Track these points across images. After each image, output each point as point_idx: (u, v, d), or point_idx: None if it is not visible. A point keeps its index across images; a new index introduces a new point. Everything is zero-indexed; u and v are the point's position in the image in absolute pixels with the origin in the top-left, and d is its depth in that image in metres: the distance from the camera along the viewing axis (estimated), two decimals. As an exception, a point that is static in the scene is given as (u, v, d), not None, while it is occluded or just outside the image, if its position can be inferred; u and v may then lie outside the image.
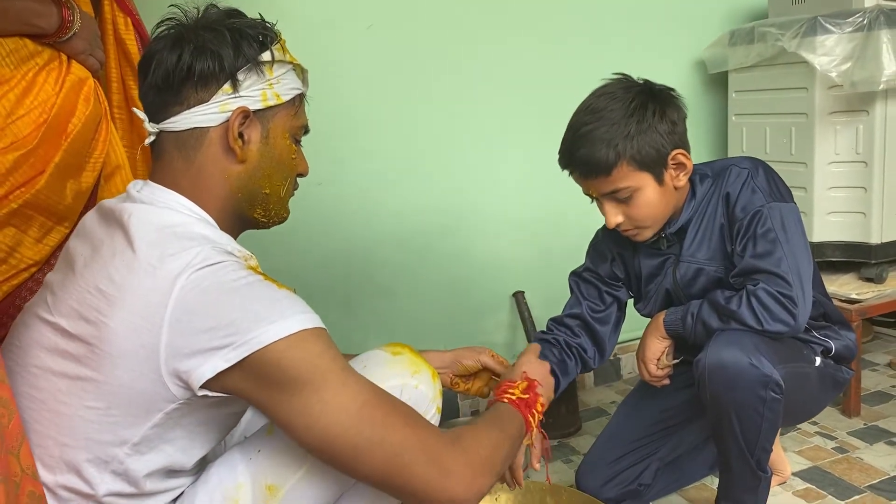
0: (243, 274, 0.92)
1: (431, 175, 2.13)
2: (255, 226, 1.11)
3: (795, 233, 1.37)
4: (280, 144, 1.06)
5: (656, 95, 1.38)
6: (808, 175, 2.09)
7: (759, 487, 1.42)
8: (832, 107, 2.03)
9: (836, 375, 1.51)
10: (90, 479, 0.92)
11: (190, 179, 1.02)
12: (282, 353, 0.88)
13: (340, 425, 0.91)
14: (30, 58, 1.23)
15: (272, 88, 1.03)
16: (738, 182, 1.42)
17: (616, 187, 1.36)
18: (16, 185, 1.20)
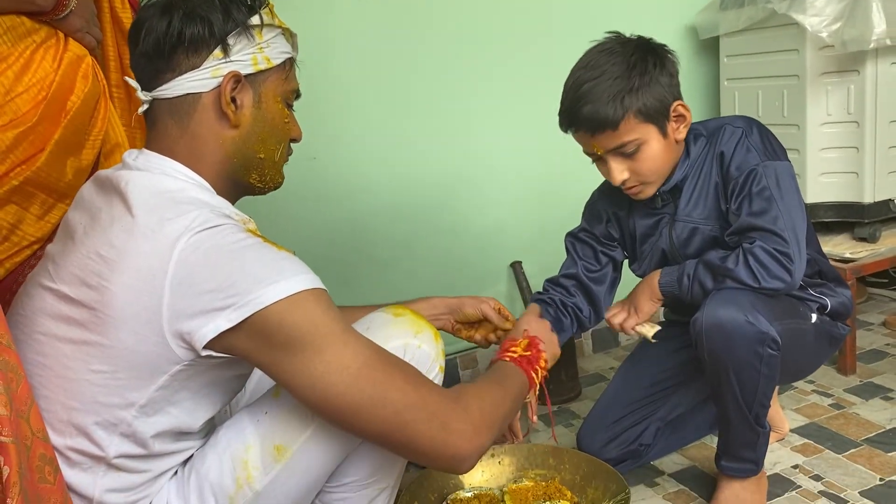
0: (242, 236, 0.94)
1: (426, 148, 2.14)
2: (252, 191, 1.12)
3: (790, 190, 1.38)
4: (272, 108, 1.07)
5: (653, 49, 1.40)
6: (801, 137, 2.10)
7: (758, 442, 1.45)
8: (823, 67, 2.04)
9: (833, 332, 1.53)
10: (99, 441, 0.94)
11: (185, 146, 1.03)
12: (283, 314, 0.90)
13: (342, 384, 0.93)
14: (27, 35, 1.23)
15: (262, 52, 1.04)
16: (733, 141, 1.43)
17: (623, 141, 1.37)
18: (16, 163, 1.21)
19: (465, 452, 1.00)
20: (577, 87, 1.39)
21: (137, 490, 1.00)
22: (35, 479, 0.81)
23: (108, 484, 0.97)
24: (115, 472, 0.97)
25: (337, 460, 1.08)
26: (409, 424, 0.96)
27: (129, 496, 0.99)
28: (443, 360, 1.15)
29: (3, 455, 0.76)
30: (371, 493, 1.15)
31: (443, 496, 1.59)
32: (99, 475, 0.96)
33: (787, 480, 1.59)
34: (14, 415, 0.80)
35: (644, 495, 1.61)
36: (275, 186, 1.14)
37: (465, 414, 1.00)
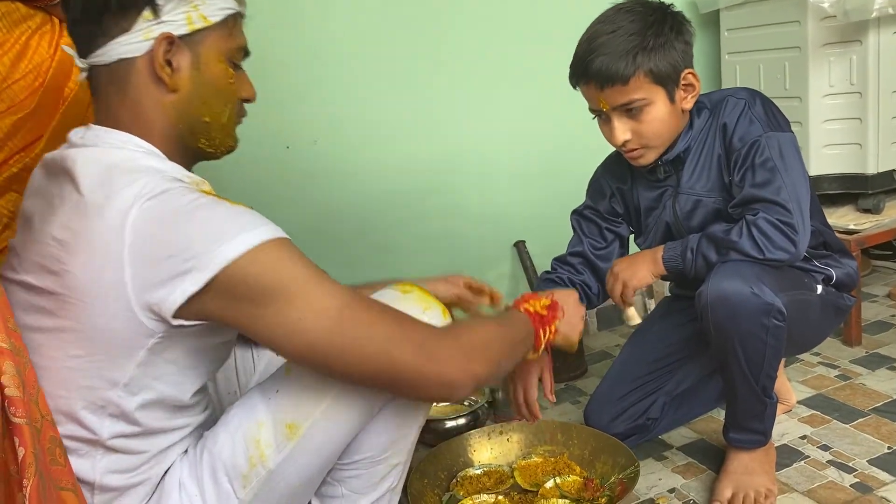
0: (194, 196, 0.91)
1: (427, 130, 2.13)
2: (204, 156, 1.08)
3: (794, 161, 1.38)
4: (215, 69, 1.01)
5: (672, 14, 1.40)
6: (803, 109, 2.09)
7: (766, 413, 1.45)
8: (825, 38, 2.03)
9: (838, 303, 1.53)
10: (91, 425, 0.94)
11: (127, 114, 0.99)
12: (246, 268, 0.88)
13: (322, 329, 0.92)
14: (22, 21, 1.23)
15: (197, 10, 0.98)
16: (735, 112, 1.42)
17: (630, 98, 1.37)
18: (15, 150, 1.21)
19: (455, 379, 0.98)
20: (593, 40, 1.39)
21: (139, 471, 0.99)
22: (47, 460, 0.81)
23: (108, 466, 0.96)
24: (112, 453, 0.96)
25: (349, 436, 1.08)
26: (397, 359, 0.95)
27: (132, 477, 0.99)
28: None
29: (18, 436, 0.76)
30: (383, 469, 1.15)
31: (452, 474, 1.59)
32: (97, 459, 0.95)
33: (795, 451, 1.60)
34: (26, 399, 0.80)
35: (653, 468, 1.61)
36: (227, 150, 1.09)
37: (454, 341, 1.00)
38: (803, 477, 1.50)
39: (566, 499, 1.47)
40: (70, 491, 0.83)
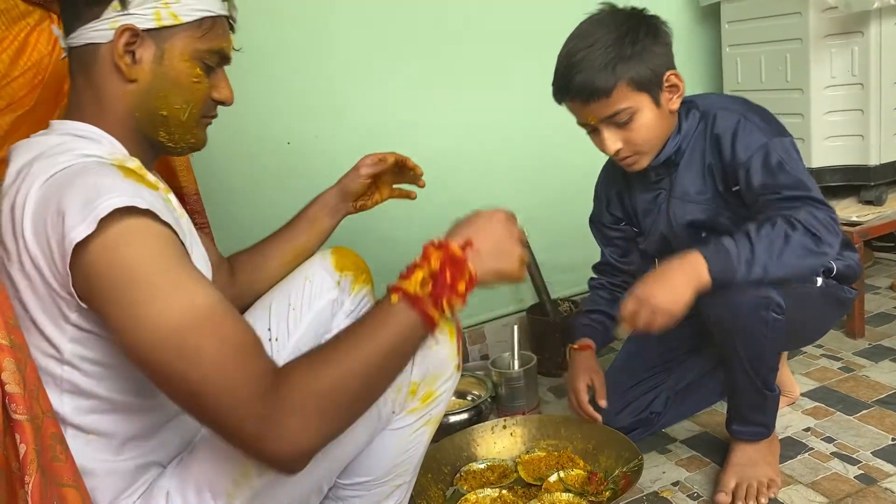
0: (80, 166, 0.90)
1: (427, 125, 2.13)
2: (165, 149, 1.08)
3: (802, 164, 1.37)
4: (177, 66, 1.01)
5: (646, 18, 1.39)
6: (805, 101, 2.08)
7: (768, 405, 1.45)
8: (827, 30, 2.02)
9: (839, 295, 1.52)
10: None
11: (90, 97, 1.01)
12: (97, 255, 0.84)
13: (151, 347, 0.84)
14: (21, 18, 1.23)
15: (168, 8, 0.99)
16: (730, 124, 1.40)
17: (616, 109, 1.36)
18: (15, 147, 1.20)
19: (284, 456, 0.83)
20: (570, 57, 1.38)
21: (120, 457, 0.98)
22: (49, 457, 0.81)
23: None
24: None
25: (345, 460, 1.07)
26: (211, 411, 0.83)
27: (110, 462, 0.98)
28: (459, 358, 1.12)
29: (19, 433, 0.75)
30: (386, 490, 1.15)
31: (456, 468, 1.59)
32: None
33: (799, 443, 1.59)
34: (27, 394, 0.79)
35: (656, 462, 1.61)
36: (190, 147, 1.09)
37: (282, 408, 0.83)
38: (807, 469, 1.50)
39: (570, 493, 1.47)
40: (72, 487, 0.82)
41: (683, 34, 2.45)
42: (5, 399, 0.76)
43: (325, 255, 1.36)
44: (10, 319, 0.81)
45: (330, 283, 1.33)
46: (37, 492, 0.76)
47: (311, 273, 1.33)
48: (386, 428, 1.10)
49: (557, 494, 1.46)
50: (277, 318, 1.32)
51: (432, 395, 1.12)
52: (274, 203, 1.93)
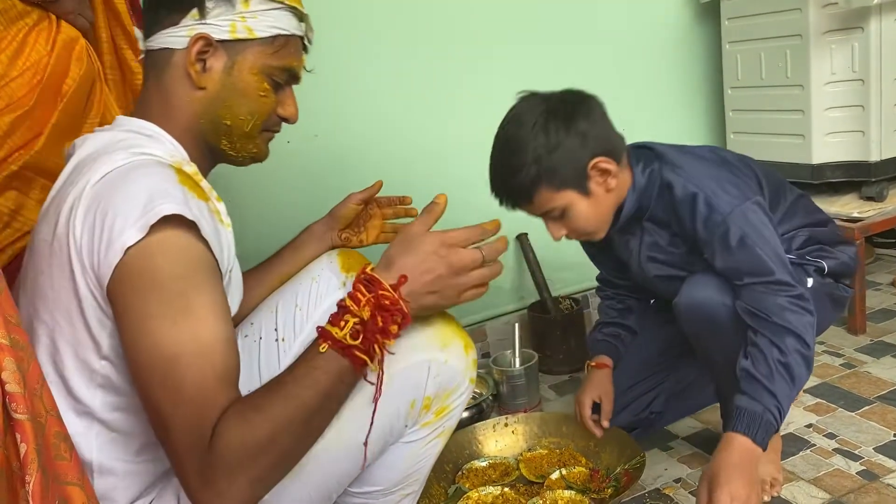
0: (136, 161, 0.93)
1: (427, 124, 2.13)
2: (226, 158, 1.10)
3: (763, 228, 1.32)
4: (246, 79, 1.04)
5: (558, 110, 1.33)
6: (805, 97, 2.08)
7: None
8: (827, 26, 2.01)
9: (833, 293, 1.51)
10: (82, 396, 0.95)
11: (158, 99, 1.04)
12: (134, 258, 0.86)
13: (143, 364, 0.87)
14: (19, 18, 1.22)
15: (244, 21, 1.02)
16: (688, 199, 1.34)
17: (543, 210, 1.36)
18: (14, 148, 1.21)
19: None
20: (493, 162, 1.39)
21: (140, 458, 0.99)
22: (52, 455, 0.80)
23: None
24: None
25: (352, 474, 1.06)
26: (170, 447, 0.87)
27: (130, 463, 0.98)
28: (474, 371, 1.10)
29: (19, 432, 0.75)
30: (395, 498, 1.15)
31: (458, 466, 1.59)
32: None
33: (801, 440, 1.59)
34: (28, 392, 0.79)
35: (658, 459, 1.61)
36: (251, 158, 1.11)
37: (217, 466, 0.84)
38: (809, 465, 1.50)
39: (572, 490, 1.46)
40: (76, 485, 0.82)
41: (683, 31, 2.45)
42: (5, 398, 0.76)
43: (331, 256, 1.36)
44: (11, 318, 0.81)
45: (336, 283, 1.32)
46: (38, 491, 0.75)
47: (318, 273, 1.33)
48: (398, 441, 1.09)
49: (560, 492, 1.46)
50: (284, 319, 1.32)
51: (446, 409, 1.11)
52: (275, 204, 1.94)
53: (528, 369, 1.88)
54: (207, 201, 0.97)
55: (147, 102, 1.05)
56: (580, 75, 2.30)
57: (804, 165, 2.11)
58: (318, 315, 1.31)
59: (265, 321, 1.33)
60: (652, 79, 2.43)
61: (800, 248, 1.48)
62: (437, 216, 1.02)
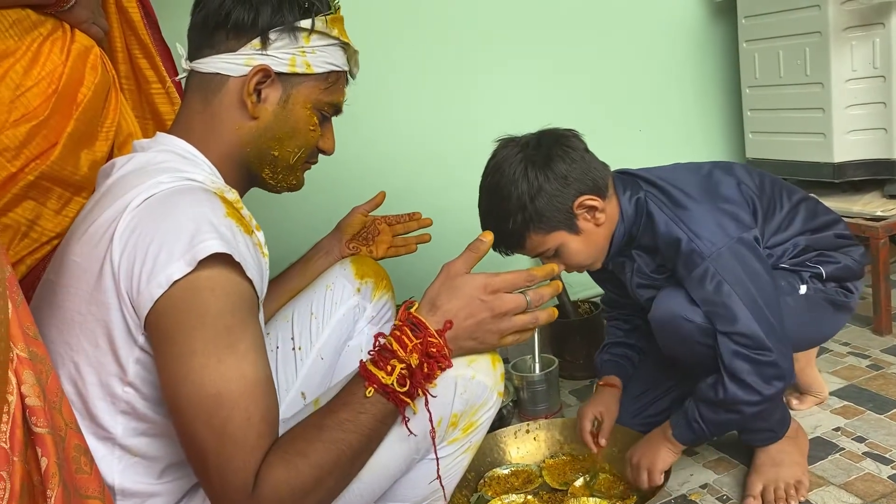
0: (181, 186, 0.92)
1: (441, 126, 2.12)
2: (264, 185, 1.11)
3: (746, 272, 1.31)
4: (298, 113, 1.05)
5: (535, 156, 1.33)
6: (825, 95, 2.05)
7: (759, 414, 1.39)
8: (847, 22, 1.99)
9: (834, 298, 1.47)
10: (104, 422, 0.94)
11: (202, 122, 1.03)
12: (181, 293, 0.85)
13: (188, 401, 0.85)
14: (33, 28, 1.21)
15: (304, 56, 1.03)
16: (668, 236, 1.36)
17: (536, 252, 1.38)
18: (30, 158, 1.20)
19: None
20: (480, 212, 1.42)
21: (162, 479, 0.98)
22: (72, 469, 0.79)
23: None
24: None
25: (377, 493, 1.05)
26: (208, 484, 0.87)
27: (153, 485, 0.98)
28: (502, 384, 1.08)
29: (40, 446, 0.74)
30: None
31: (480, 474, 1.57)
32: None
33: (829, 443, 1.56)
34: (48, 406, 0.78)
35: (684, 464, 1.58)
36: (289, 188, 1.12)
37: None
38: (839, 469, 1.47)
39: (596, 497, 1.44)
40: (97, 499, 0.81)
41: (698, 31, 2.43)
42: (25, 412, 0.75)
43: (344, 264, 1.38)
44: (29, 331, 0.80)
45: (350, 289, 1.35)
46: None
47: (332, 281, 1.35)
48: (425, 458, 1.07)
49: (584, 499, 1.44)
50: (300, 328, 1.33)
51: (473, 424, 1.08)
52: (288, 207, 1.92)
53: (548, 375, 1.86)
54: (251, 234, 0.96)
55: (188, 123, 1.04)
56: (594, 77, 2.30)
57: (825, 164, 2.08)
58: (333, 322, 1.32)
59: (281, 330, 1.33)
60: (667, 79, 2.41)
61: (796, 256, 1.45)
62: (481, 255, 1.02)
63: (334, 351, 1.36)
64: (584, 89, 2.26)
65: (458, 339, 0.97)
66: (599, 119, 2.23)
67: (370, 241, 1.45)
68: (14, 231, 1.18)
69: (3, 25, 1.18)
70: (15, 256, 1.18)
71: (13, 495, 0.69)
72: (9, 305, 0.76)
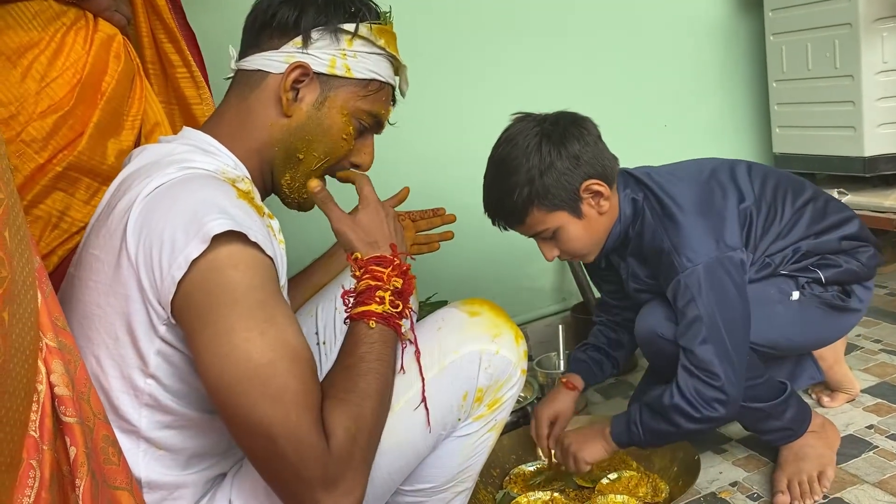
0: (188, 175, 0.92)
1: (468, 127, 2.10)
2: (279, 192, 1.09)
3: (719, 291, 1.30)
4: (333, 117, 1.04)
5: (551, 132, 1.33)
6: (855, 88, 2.01)
7: (773, 414, 1.41)
8: (877, 13, 1.95)
9: (831, 302, 1.43)
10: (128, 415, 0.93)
11: (236, 115, 1.03)
12: (204, 273, 0.84)
13: (237, 378, 0.83)
14: (56, 18, 1.21)
15: (345, 59, 1.02)
16: (655, 246, 1.37)
17: (535, 231, 1.36)
18: (58, 149, 1.20)
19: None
20: (487, 183, 1.39)
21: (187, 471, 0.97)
22: (101, 459, 0.78)
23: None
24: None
25: (404, 473, 1.04)
26: (279, 458, 0.83)
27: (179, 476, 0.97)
28: (525, 362, 1.09)
29: (69, 436, 0.73)
30: (448, 496, 1.12)
31: (505, 471, 1.56)
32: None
33: (862, 441, 1.53)
34: (76, 395, 0.77)
35: (713, 462, 1.55)
36: (298, 204, 1.09)
37: (346, 465, 0.85)
38: (873, 468, 1.44)
39: (624, 495, 1.42)
40: (125, 490, 0.80)
41: (724, 25, 2.40)
42: (54, 401, 0.75)
43: None
44: (58, 321, 0.79)
45: None
46: (88, 495, 0.74)
47: None
48: (451, 435, 1.06)
49: (612, 497, 1.41)
50: (324, 322, 1.33)
51: (498, 401, 1.08)
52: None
53: (573, 371, 1.83)
54: (262, 216, 0.95)
55: (220, 117, 1.04)
56: (617, 71, 2.27)
57: (856, 158, 2.05)
58: None
59: (306, 325, 1.33)
60: (692, 74, 2.38)
61: (796, 262, 1.42)
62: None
63: None
64: (610, 84, 2.24)
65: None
66: (625, 114, 2.21)
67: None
68: (45, 222, 1.18)
69: (26, 17, 1.18)
70: (46, 248, 1.17)
71: (43, 484, 0.69)
72: (38, 295, 0.76)
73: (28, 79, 1.17)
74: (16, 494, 0.67)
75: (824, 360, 1.65)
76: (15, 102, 1.14)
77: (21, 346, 0.69)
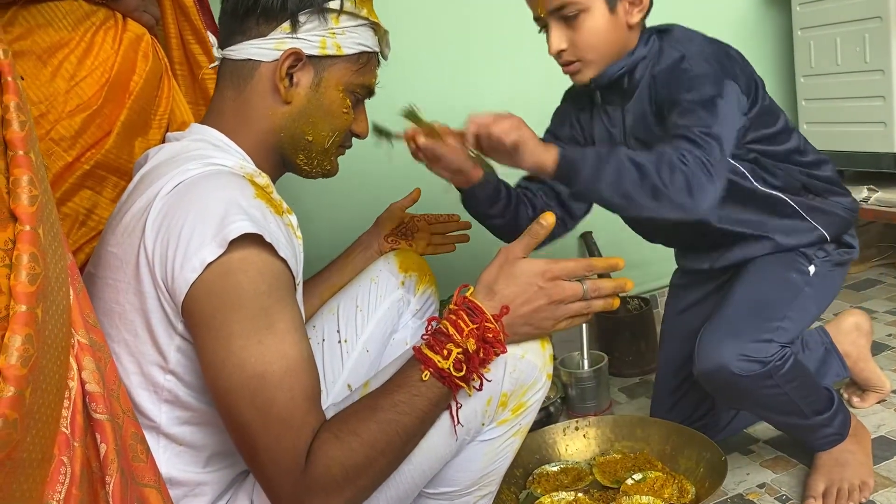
0: (209, 171, 0.92)
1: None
2: (299, 171, 1.10)
3: (725, 107, 1.22)
4: (331, 95, 1.04)
5: None
6: (887, 83, 1.98)
7: (823, 421, 1.38)
8: (909, 6, 1.91)
9: (840, 259, 1.43)
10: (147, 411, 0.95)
11: (234, 109, 1.03)
12: (214, 276, 0.85)
13: (230, 383, 0.85)
14: (86, 18, 1.22)
15: (334, 38, 1.02)
16: (667, 63, 1.29)
17: (564, 1, 1.26)
18: (86, 147, 1.21)
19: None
20: None
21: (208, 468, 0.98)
22: (129, 457, 0.79)
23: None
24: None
25: (427, 476, 1.03)
26: (258, 466, 0.87)
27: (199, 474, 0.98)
28: (551, 366, 1.07)
29: (99, 432, 0.74)
30: (471, 500, 1.11)
31: (528, 471, 1.55)
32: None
33: (894, 443, 1.50)
34: (106, 392, 0.78)
35: (740, 463, 1.54)
36: (324, 173, 1.11)
37: (312, 488, 0.85)
38: (905, 471, 1.41)
39: (649, 496, 1.40)
40: (153, 488, 0.80)
41: (750, 19, 2.37)
42: (85, 398, 0.75)
43: (388, 258, 1.39)
44: (89, 318, 0.80)
45: (394, 283, 1.36)
46: (117, 492, 0.74)
47: (376, 274, 1.36)
48: (475, 440, 1.05)
49: (636, 497, 1.40)
50: (345, 320, 1.34)
51: (523, 406, 1.06)
52: (306, 201, 1.92)
53: (597, 371, 1.82)
54: (282, 215, 0.95)
55: (220, 111, 1.04)
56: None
57: (887, 155, 2.01)
58: (378, 315, 1.33)
59: (327, 323, 1.34)
60: (719, 69, 2.35)
61: (794, 192, 1.41)
62: (539, 239, 1.00)
63: (380, 343, 1.36)
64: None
65: (514, 326, 0.97)
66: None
67: (409, 238, 1.45)
68: (73, 220, 1.19)
69: (57, 16, 1.19)
70: (74, 245, 1.19)
71: (73, 480, 0.69)
72: (70, 292, 0.76)
73: (58, 78, 1.18)
74: (47, 490, 0.67)
75: (848, 356, 1.63)
76: (45, 101, 1.15)
77: (54, 343, 0.69)
